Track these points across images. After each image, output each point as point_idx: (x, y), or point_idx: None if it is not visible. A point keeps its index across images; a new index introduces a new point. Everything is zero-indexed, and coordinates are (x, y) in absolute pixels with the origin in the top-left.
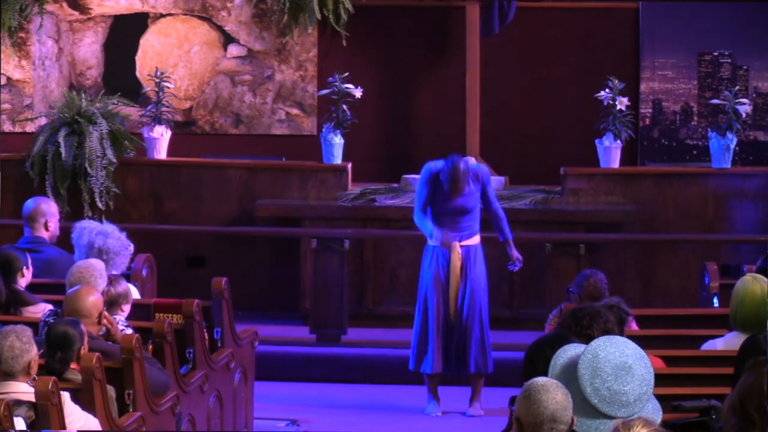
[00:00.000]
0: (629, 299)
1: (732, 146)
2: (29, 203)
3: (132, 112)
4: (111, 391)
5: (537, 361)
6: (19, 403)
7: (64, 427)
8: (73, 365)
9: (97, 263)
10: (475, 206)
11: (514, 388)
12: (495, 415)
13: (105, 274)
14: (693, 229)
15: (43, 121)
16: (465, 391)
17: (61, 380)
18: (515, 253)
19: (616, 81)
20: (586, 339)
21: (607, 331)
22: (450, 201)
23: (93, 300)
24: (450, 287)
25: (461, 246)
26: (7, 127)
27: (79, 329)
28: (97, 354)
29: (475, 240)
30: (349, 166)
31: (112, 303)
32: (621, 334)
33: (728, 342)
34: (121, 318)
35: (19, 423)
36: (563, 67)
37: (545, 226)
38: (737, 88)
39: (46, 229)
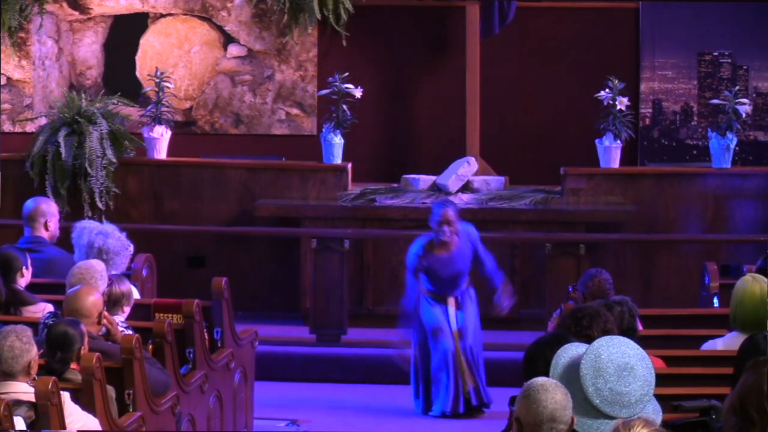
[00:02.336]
0: None
1: (732, 146)
2: (29, 203)
3: (132, 112)
4: (111, 391)
5: (536, 362)
6: (19, 403)
7: (64, 427)
8: (73, 365)
9: (97, 264)
10: (468, 266)
11: (514, 388)
12: (495, 415)
13: (106, 275)
14: (693, 229)
15: (43, 121)
16: None
17: (61, 380)
18: (503, 302)
19: (616, 81)
20: (586, 339)
21: (606, 332)
22: (445, 267)
23: (93, 300)
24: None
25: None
26: (7, 127)
27: (79, 329)
28: (97, 354)
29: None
30: (349, 166)
31: (114, 302)
32: (635, 330)
33: (728, 342)
34: (120, 319)
35: (19, 423)
36: (563, 68)
37: (545, 226)
38: (737, 88)
39: (46, 229)
